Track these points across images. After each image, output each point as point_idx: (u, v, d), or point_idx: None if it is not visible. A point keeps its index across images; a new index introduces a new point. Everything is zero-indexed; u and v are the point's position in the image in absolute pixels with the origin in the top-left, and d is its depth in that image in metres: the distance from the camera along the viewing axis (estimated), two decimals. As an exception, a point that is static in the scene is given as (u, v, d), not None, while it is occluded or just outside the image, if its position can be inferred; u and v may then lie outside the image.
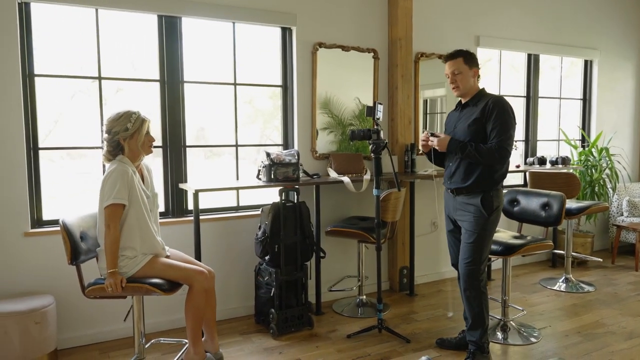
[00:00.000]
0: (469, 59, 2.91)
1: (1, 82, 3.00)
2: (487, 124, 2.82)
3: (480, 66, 2.98)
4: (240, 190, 3.90)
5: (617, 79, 5.89)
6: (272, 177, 3.49)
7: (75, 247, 2.52)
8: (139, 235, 2.57)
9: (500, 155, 2.78)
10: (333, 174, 3.93)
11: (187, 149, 3.67)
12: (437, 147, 2.94)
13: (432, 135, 2.98)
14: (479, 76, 2.97)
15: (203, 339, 2.82)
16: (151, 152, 2.69)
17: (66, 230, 2.49)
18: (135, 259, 2.55)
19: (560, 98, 5.64)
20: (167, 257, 2.75)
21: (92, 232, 2.66)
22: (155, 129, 3.55)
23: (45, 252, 3.15)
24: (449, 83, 2.97)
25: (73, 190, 3.47)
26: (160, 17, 3.50)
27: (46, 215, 3.26)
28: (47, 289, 3.15)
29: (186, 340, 2.73)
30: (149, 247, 2.62)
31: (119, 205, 2.48)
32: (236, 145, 3.88)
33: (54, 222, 3.24)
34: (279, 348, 3.23)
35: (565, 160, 5.07)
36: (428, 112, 4.61)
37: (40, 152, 3.22)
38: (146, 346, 2.82)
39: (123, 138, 2.55)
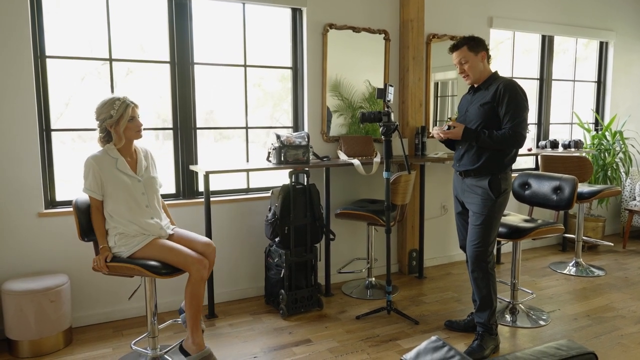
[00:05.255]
0: (473, 46, 2.86)
1: (13, 63, 3.02)
2: (499, 108, 2.79)
3: (488, 47, 2.93)
4: (250, 173, 3.92)
5: (633, 61, 5.78)
6: (282, 159, 3.50)
7: (84, 224, 2.60)
8: (129, 220, 2.58)
9: (516, 140, 2.76)
10: (343, 157, 3.92)
11: (197, 131, 3.68)
12: (451, 137, 2.91)
13: (449, 128, 2.94)
14: (489, 57, 2.93)
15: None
16: (140, 137, 2.68)
17: (76, 208, 2.59)
18: (135, 239, 2.57)
19: (574, 80, 5.55)
20: (171, 236, 2.74)
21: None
22: (165, 110, 3.57)
23: (59, 232, 3.20)
24: (458, 73, 2.94)
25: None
26: (170, -2, 3.48)
27: (59, 196, 3.30)
28: (61, 268, 3.21)
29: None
30: (144, 230, 2.61)
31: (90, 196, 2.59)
32: (246, 128, 3.88)
33: (67, 203, 3.28)
34: (288, 328, 3.27)
35: (577, 144, 5.02)
36: (439, 94, 4.57)
37: (53, 133, 3.25)
38: (160, 326, 2.86)
39: (109, 125, 2.58)
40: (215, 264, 2.90)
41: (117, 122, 2.58)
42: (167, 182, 3.56)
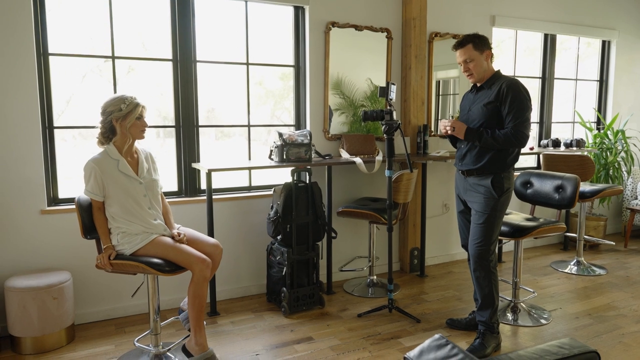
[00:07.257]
0: (478, 44, 2.84)
1: (16, 61, 3.02)
2: (502, 107, 2.79)
3: (492, 46, 2.92)
4: (252, 171, 3.92)
5: (635, 60, 5.77)
6: (285, 157, 3.50)
7: (86, 222, 2.61)
8: (131, 221, 2.59)
9: (518, 140, 2.75)
10: (345, 155, 3.92)
11: (199, 128, 3.68)
12: (454, 133, 2.90)
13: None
14: (492, 56, 2.92)
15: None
16: (143, 137, 2.67)
17: (78, 206, 2.59)
18: (138, 237, 2.58)
19: (576, 79, 5.54)
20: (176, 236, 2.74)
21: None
22: (167, 108, 3.58)
23: (62, 229, 3.21)
24: (462, 71, 2.92)
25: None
26: (172, -4, 3.48)
27: (62, 194, 3.31)
28: (64, 265, 3.22)
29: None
30: (147, 229, 2.63)
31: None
32: (248, 126, 3.88)
33: (70, 200, 3.28)
34: (290, 326, 3.28)
35: (579, 143, 5.01)
36: (441, 93, 4.56)
37: (55, 131, 3.25)
38: (163, 324, 2.87)
39: (116, 118, 2.57)
40: (217, 262, 2.90)
41: (125, 117, 2.57)
42: (169, 180, 3.57)
